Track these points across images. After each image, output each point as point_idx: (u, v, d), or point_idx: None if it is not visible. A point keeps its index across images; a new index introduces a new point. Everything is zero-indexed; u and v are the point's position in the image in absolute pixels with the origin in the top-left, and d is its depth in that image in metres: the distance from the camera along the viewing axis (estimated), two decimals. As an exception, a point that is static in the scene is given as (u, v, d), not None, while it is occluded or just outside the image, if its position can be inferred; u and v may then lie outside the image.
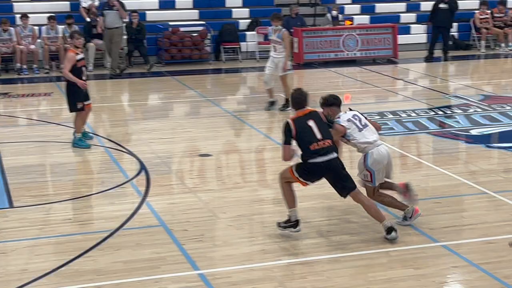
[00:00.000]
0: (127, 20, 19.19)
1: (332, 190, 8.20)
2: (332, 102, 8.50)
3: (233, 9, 22.18)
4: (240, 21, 21.77)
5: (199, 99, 16.11)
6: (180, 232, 8.30)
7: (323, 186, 8.52)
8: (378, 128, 8.68)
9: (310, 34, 20.59)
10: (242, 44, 21.09)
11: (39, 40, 19.16)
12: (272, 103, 14.66)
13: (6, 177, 10.27)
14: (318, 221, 8.73)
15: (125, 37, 19.41)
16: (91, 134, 12.41)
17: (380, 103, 15.61)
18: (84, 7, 20.04)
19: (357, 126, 8.33)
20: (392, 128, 13.08)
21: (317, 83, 17.69)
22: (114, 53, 18.84)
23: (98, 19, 19.24)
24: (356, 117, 8.42)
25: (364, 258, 7.68)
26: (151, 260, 7.58)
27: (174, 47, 20.33)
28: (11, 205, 9.23)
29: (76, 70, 11.67)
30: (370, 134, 8.35)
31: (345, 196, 8.17)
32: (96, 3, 20.35)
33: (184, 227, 8.43)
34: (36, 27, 19.28)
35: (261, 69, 19.75)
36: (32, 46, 18.89)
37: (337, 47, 20.68)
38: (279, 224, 8.22)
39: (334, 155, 8.00)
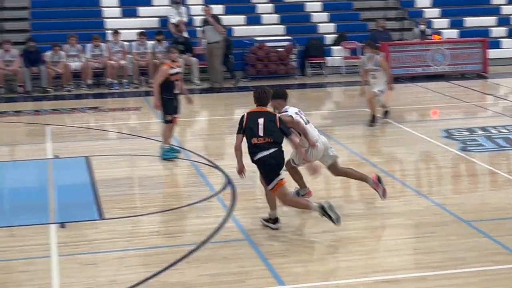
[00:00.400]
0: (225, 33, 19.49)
1: (417, 207, 8.09)
2: (279, 95, 9.28)
3: (319, 24, 22.20)
4: (326, 35, 21.76)
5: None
6: (265, 246, 8.32)
7: (409, 202, 8.39)
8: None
9: (397, 48, 20.40)
10: (328, 59, 21.07)
11: (129, 56, 19.63)
12: (386, 113, 14.68)
13: (96, 190, 10.53)
14: (404, 238, 8.61)
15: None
16: (177, 148, 12.58)
17: (469, 119, 15.30)
18: (172, 23, 20.44)
19: (303, 119, 9.17)
20: (481, 145, 12.80)
21: (404, 99, 17.49)
22: (216, 67, 19.18)
23: (185, 34, 19.64)
24: (300, 112, 9.33)
25: (453, 277, 7.52)
26: (236, 274, 7.62)
27: (260, 62, 20.49)
28: (101, 217, 9.45)
29: (169, 84, 11.89)
30: (313, 129, 9.28)
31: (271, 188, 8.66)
32: (185, 19, 20.73)
33: (269, 242, 8.46)
34: (126, 43, 19.77)
35: (347, 84, 19.74)
36: (123, 62, 19.38)
37: (424, 61, 20.41)
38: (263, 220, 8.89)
39: (271, 151, 8.51)
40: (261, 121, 8.60)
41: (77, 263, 7.98)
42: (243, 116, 8.75)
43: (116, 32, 19.74)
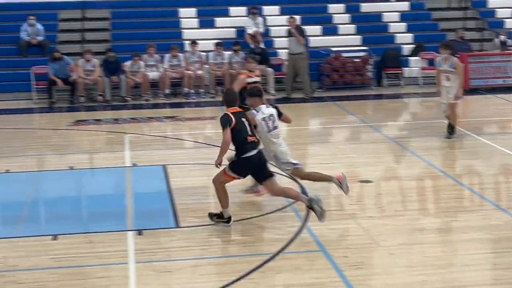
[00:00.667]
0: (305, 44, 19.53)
1: (496, 222, 7.91)
2: (255, 93, 9.81)
3: (396, 34, 21.99)
4: (403, 46, 21.53)
5: (360, 125, 16.05)
6: (340, 258, 8.27)
7: (488, 216, 8.20)
8: (289, 120, 10.33)
9: (477, 59, 20.03)
10: (405, 69, 20.84)
11: (206, 66, 19.85)
12: (452, 130, 14.21)
13: (173, 198, 10.66)
14: (483, 253, 8.43)
15: (285, 62, 19.74)
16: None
17: (550, 132, 14.90)
18: (249, 34, 20.57)
19: (268, 127, 9.64)
20: None
21: (483, 110, 17.16)
22: (304, 78, 19.25)
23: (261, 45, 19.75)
24: (271, 117, 9.71)
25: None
26: (310, 285, 7.59)
27: (336, 73, 20.42)
28: (177, 225, 9.56)
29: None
30: (274, 137, 9.75)
31: (261, 183, 9.38)
32: (261, 29, 20.85)
33: (345, 253, 8.40)
34: (203, 53, 20.00)
35: (424, 95, 19.47)
36: (200, 72, 19.61)
37: (505, 73, 19.97)
38: (211, 215, 9.44)
39: (255, 151, 9.15)
40: (245, 120, 9.22)
41: (153, 270, 8.09)
42: (228, 115, 9.14)
43: (194, 42, 20.00)
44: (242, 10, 21.98)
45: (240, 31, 21.23)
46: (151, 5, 22.28)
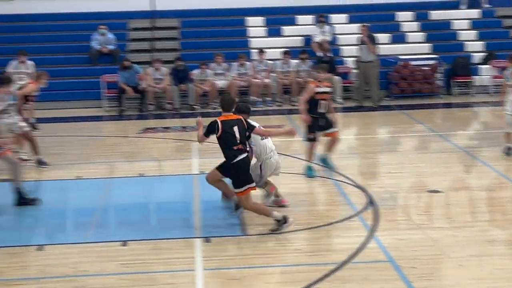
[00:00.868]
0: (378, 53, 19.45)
1: None
2: (245, 110, 10.09)
3: (467, 42, 21.67)
4: (474, 54, 21.19)
5: (429, 134, 15.85)
6: (408, 269, 8.16)
7: None
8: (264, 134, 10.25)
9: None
10: (475, 78, 20.50)
11: (273, 74, 19.90)
12: (510, 148, 13.56)
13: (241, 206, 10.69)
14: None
15: (354, 70, 19.64)
16: (330, 165, 12.49)
17: None
18: (316, 42, 20.56)
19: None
20: None
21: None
22: (373, 87, 19.18)
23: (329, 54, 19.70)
24: (260, 127, 10.00)
25: None
26: (378, 296, 7.53)
27: (404, 81, 20.22)
28: (244, 233, 9.59)
29: (313, 102, 11.99)
30: (271, 145, 10.15)
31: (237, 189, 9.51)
32: (329, 38, 20.82)
33: (413, 264, 8.29)
34: (270, 62, 20.07)
35: (495, 104, 19.04)
36: (267, 80, 19.68)
37: None
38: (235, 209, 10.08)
39: (245, 155, 9.46)
40: (235, 129, 9.42)
41: (221, 278, 8.14)
42: (216, 122, 9.48)
43: (261, 51, 20.09)
44: (310, 18, 21.99)
45: (308, 39, 21.23)
46: (219, 14, 22.49)
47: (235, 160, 9.45)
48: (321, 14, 21.41)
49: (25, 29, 22.02)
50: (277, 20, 22.25)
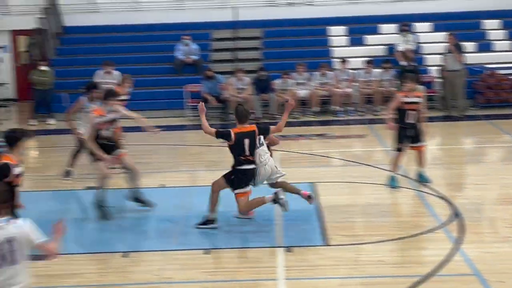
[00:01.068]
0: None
1: None
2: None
3: (555, 50, 21.05)
4: None
5: (516, 145, 15.46)
6: (495, 283, 7.95)
7: None
8: (276, 142, 10.87)
9: None
10: None
11: (355, 84, 19.78)
12: None
13: (321, 216, 10.66)
14: None
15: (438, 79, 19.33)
16: (426, 177, 12.26)
17: None
18: (400, 51, 20.34)
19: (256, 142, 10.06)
20: None
21: None
22: (458, 96, 18.90)
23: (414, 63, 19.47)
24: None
25: None
26: (463, 310, 7.37)
27: (490, 90, 19.78)
28: (326, 243, 9.55)
29: (401, 112, 11.86)
30: (263, 153, 10.10)
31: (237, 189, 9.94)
32: (412, 47, 20.57)
33: (500, 278, 8.08)
34: (353, 71, 19.95)
35: None
36: (349, 89, 19.57)
37: None
38: (198, 226, 10.08)
39: (252, 166, 9.93)
40: (246, 141, 9.82)
41: (302, 287, 8.11)
42: (230, 132, 9.89)
43: (343, 60, 20.01)
44: (392, 27, 21.77)
45: (391, 48, 21.03)
46: (302, 24, 22.51)
47: (241, 168, 9.88)
48: (405, 23, 21.18)
49: (111, 39, 22.54)
50: (359, 29, 22.12)
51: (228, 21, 22.36)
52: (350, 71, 19.97)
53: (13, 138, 7.75)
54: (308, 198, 10.29)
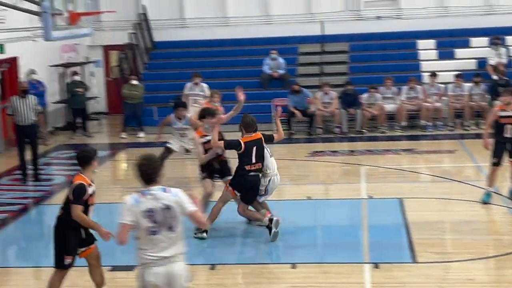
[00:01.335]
0: None
1: None
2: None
3: None
4: None
5: None
6: None
7: None
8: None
9: None
10: None
11: (444, 98, 19.43)
12: None
13: (409, 232, 10.48)
14: None
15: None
16: None
17: None
18: (491, 65, 19.88)
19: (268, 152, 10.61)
20: None
21: None
22: None
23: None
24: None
25: None
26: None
27: None
28: (414, 260, 9.38)
29: (499, 126, 11.57)
30: (275, 163, 10.73)
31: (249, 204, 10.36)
32: (504, 60, 20.07)
33: None
34: (442, 85, 19.61)
35: None
36: (438, 104, 19.24)
37: None
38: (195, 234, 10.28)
39: (257, 174, 10.26)
40: (254, 149, 10.15)
41: (390, 304, 8.00)
42: (240, 142, 10.17)
43: (433, 74, 19.68)
44: (484, 40, 21.29)
45: (481, 62, 20.57)
46: (390, 38, 22.29)
47: (246, 174, 10.17)
48: (496, 36, 20.68)
49: (200, 54, 22.85)
50: (449, 42, 21.73)
51: (315, 35, 22.35)
52: (440, 85, 19.62)
53: (86, 158, 7.84)
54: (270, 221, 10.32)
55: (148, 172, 6.10)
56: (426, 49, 21.74)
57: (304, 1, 22.91)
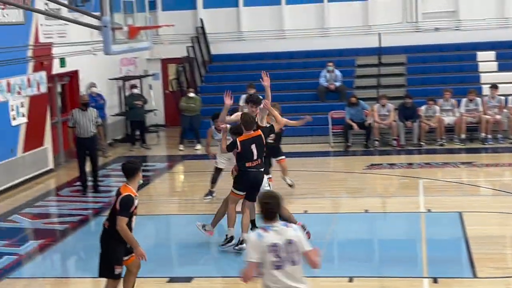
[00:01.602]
0: None
1: None
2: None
3: None
4: None
5: None
6: None
7: None
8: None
9: None
10: None
11: (505, 110, 19.09)
12: None
13: (469, 246, 10.31)
14: None
15: None
16: None
17: None
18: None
19: None
20: None
21: None
22: None
23: None
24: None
25: None
26: None
27: None
28: (474, 275, 9.21)
29: None
30: None
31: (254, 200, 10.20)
32: None
33: None
34: (503, 97, 19.28)
35: None
36: (498, 116, 18.91)
37: None
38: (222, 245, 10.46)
39: (261, 170, 10.43)
40: (253, 147, 10.27)
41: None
42: (236, 141, 10.33)
43: (494, 86, 19.36)
44: (545, 51, 20.90)
45: (545, 74, 20.18)
46: (448, 49, 22.02)
47: (246, 170, 10.30)
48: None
49: (256, 67, 22.88)
50: (510, 54, 21.36)
51: (372, 47, 22.23)
52: (500, 97, 19.29)
53: (132, 169, 7.93)
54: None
55: (273, 210, 6.17)
56: (486, 60, 21.41)
57: (361, 13, 22.81)
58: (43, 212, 13.92)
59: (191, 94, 20.38)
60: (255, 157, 10.35)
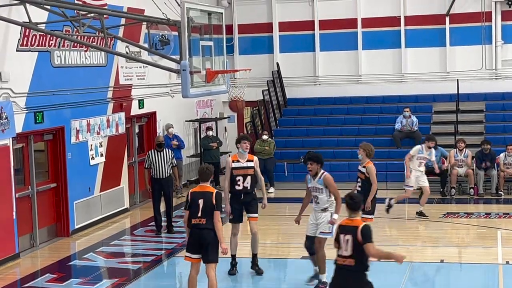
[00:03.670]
0: None
1: None
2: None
3: None
4: None
5: None
6: None
7: None
8: None
9: None
10: None
11: None
12: None
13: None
14: None
15: None
16: None
17: None
18: None
19: None
20: None
21: None
22: None
23: None
24: None
25: None
26: None
27: None
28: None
29: None
30: None
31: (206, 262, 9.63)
32: None
33: None
34: None
35: None
36: None
37: None
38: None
39: (206, 229, 9.52)
40: (200, 202, 9.58)
41: None
42: (188, 194, 9.81)
43: None
44: None
45: None
46: (528, 97, 21.60)
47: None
48: None
49: (331, 111, 22.88)
50: None
51: (450, 93, 21.95)
52: None
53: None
54: None
55: None
56: None
57: (439, 59, 22.60)
58: (118, 251, 14.08)
59: (265, 137, 20.47)
60: (199, 213, 9.63)
